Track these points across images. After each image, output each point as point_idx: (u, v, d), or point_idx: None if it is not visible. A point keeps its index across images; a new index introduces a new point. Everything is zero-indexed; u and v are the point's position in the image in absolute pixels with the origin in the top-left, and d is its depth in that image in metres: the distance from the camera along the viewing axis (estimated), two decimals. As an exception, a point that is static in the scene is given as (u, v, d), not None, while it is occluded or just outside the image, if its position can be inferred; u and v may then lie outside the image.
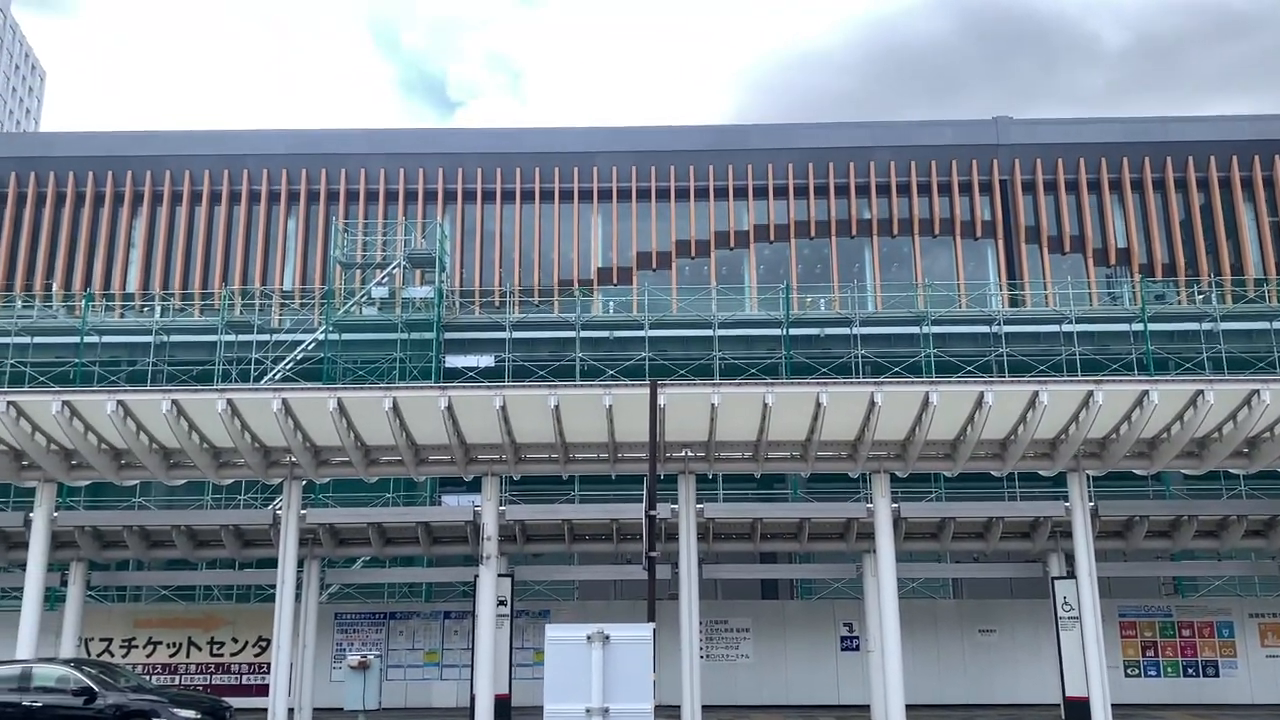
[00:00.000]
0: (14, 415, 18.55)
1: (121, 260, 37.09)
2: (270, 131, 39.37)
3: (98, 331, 29.58)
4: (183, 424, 18.84)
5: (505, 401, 18.57)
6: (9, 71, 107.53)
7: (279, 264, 36.91)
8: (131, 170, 37.26)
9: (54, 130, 59.50)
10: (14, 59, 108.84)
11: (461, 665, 22.99)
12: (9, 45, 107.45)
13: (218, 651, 23.88)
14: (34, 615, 19.75)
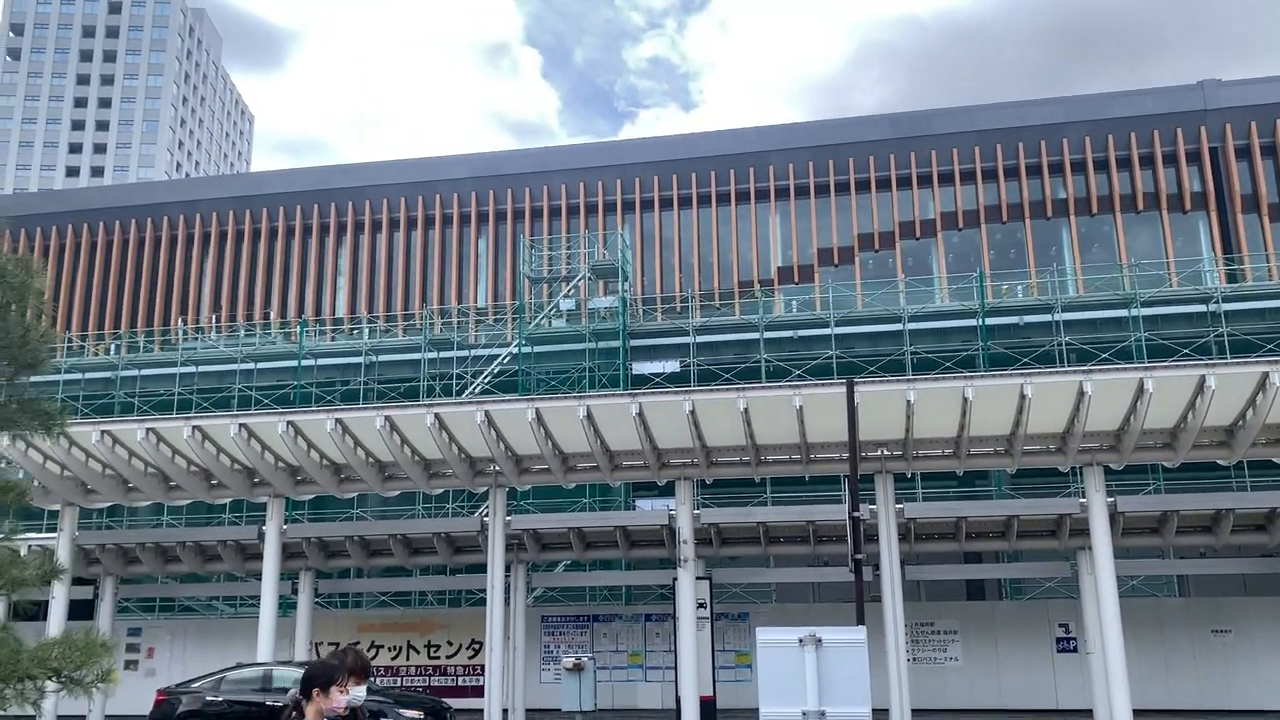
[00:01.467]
0: (245, 436, 20.09)
1: (330, 287, 39.63)
2: (457, 157, 41.20)
3: (313, 355, 31.67)
4: (395, 438, 19.91)
5: (694, 405, 18.70)
6: (223, 118, 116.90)
7: (472, 282, 38.54)
8: (335, 202, 39.78)
9: (263, 170, 64.41)
10: (225, 106, 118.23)
11: (665, 667, 23.28)
12: (221, 94, 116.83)
13: (435, 654, 25.10)
14: (270, 621, 21.31)
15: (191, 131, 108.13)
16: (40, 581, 9.90)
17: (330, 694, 4.99)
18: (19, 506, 10.76)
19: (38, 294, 10.08)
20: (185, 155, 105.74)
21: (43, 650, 8.76)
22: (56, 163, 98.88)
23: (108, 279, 41.08)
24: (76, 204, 44.73)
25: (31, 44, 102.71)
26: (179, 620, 27.17)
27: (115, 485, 21.93)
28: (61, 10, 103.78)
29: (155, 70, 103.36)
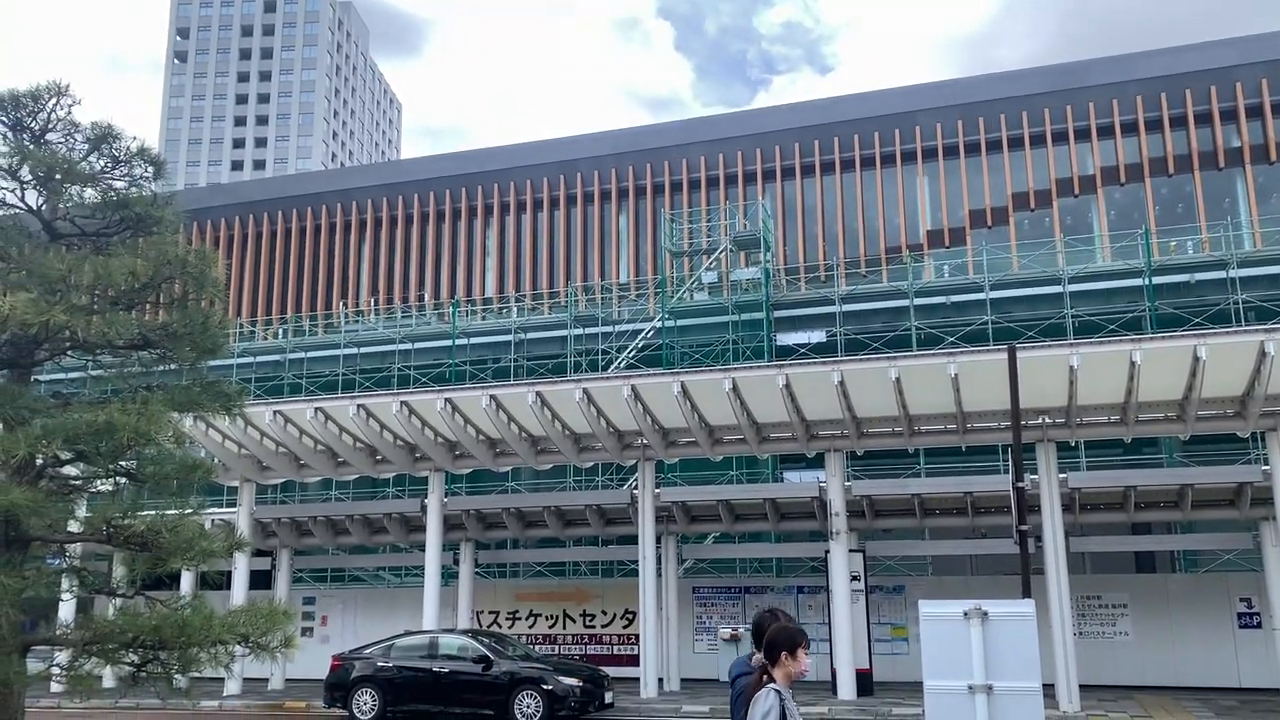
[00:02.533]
0: (406, 413, 20.91)
1: (479, 267, 40.68)
2: (596, 134, 41.52)
3: (466, 334, 32.63)
4: (546, 413, 20.36)
5: (843, 376, 18.41)
6: (372, 108, 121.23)
7: (614, 258, 38.88)
8: (480, 185, 40.73)
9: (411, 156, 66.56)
10: (375, 96, 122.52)
11: (819, 639, 23.06)
12: (370, 84, 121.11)
13: (590, 623, 25.64)
14: (435, 590, 22.21)
15: (344, 122, 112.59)
16: (225, 553, 10.54)
17: (797, 657, 5.06)
18: (203, 483, 11.48)
19: (215, 283, 10.70)
20: (339, 145, 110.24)
21: (232, 618, 9.36)
22: (222, 158, 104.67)
23: (273, 267, 43.29)
24: (241, 197, 47.25)
25: (196, 46, 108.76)
26: (349, 590, 28.60)
27: (288, 462, 23.19)
28: (222, 12, 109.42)
29: (308, 65, 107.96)
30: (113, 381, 11.23)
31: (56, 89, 10.48)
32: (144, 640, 9.11)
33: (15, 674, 8.84)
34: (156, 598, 10.02)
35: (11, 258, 10.12)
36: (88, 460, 9.67)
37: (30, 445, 8.94)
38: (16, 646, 9.15)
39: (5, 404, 9.47)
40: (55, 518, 10.07)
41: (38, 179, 10.37)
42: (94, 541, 10.14)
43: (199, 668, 9.52)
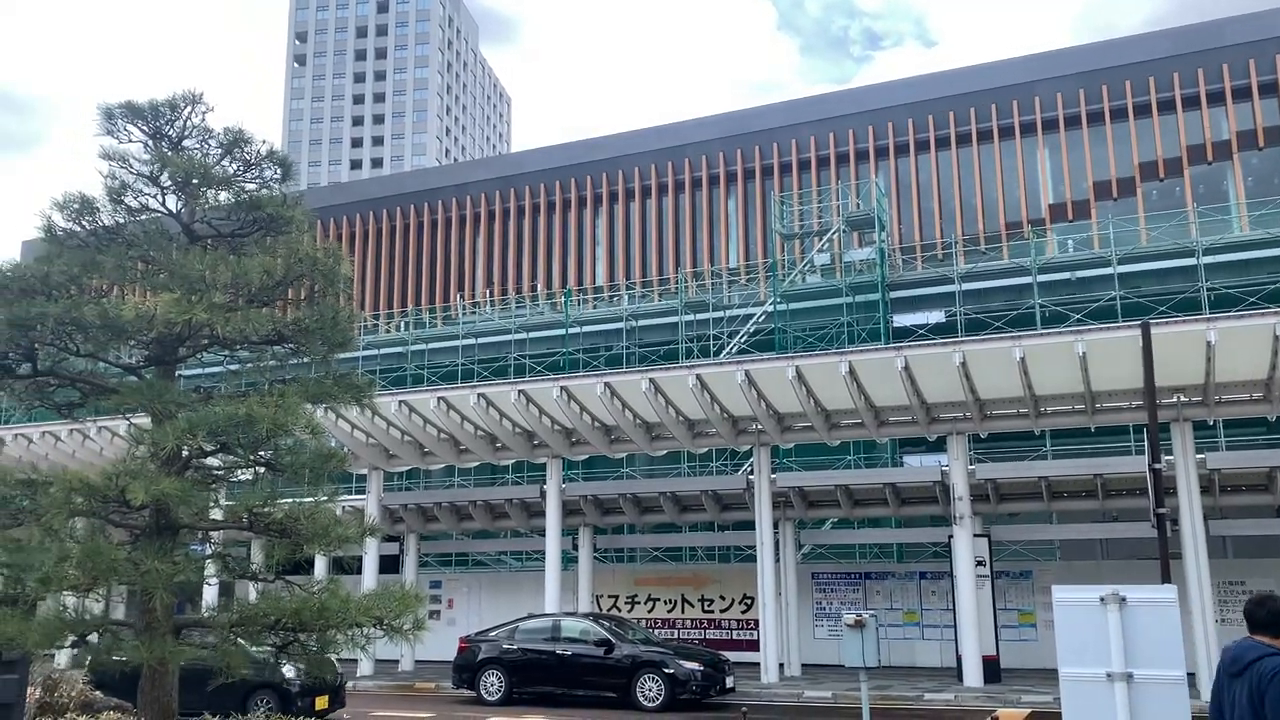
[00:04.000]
0: (524, 401, 21.30)
1: (590, 256, 41.07)
2: (703, 119, 41.38)
3: (578, 322, 33.00)
4: (659, 399, 20.45)
5: (965, 357, 17.97)
6: (483, 103, 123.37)
7: (724, 243, 38.74)
8: (589, 175, 41.06)
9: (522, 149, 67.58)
10: (485, 90, 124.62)
11: (943, 625, 22.69)
12: (480, 79, 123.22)
13: (708, 608, 25.72)
14: (555, 574, 22.60)
15: (456, 118, 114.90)
16: (358, 539, 10.92)
17: None
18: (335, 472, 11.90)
19: (343, 279, 11.07)
20: (453, 141, 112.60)
21: (366, 600, 9.69)
22: (342, 158, 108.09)
23: (392, 261, 44.55)
24: (361, 195, 48.72)
25: (314, 49, 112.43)
26: (473, 573, 29.34)
27: (413, 450, 23.88)
28: (337, 15, 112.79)
29: (421, 63, 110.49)
30: (249, 375, 11.75)
31: (191, 98, 10.97)
32: (285, 622, 9.51)
33: (170, 654, 9.35)
34: (295, 582, 10.46)
35: (155, 260, 10.66)
36: (229, 451, 10.12)
37: (177, 438, 9.41)
38: (169, 628, 9.67)
39: (153, 399, 9.99)
40: (200, 506, 10.59)
41: (176, 184, 10.88)
42: (236, 528, 10.63)
43: (336, 649, 9.90)
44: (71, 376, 10.62)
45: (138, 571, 8.96)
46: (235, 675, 9.38)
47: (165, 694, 9.80)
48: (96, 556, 8.91)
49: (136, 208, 10.94)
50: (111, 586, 9.93)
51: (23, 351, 10.13)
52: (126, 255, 10.61)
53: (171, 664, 9.59)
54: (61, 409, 11.24)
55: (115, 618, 10.34)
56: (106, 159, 10.66)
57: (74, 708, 11.98)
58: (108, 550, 9.05)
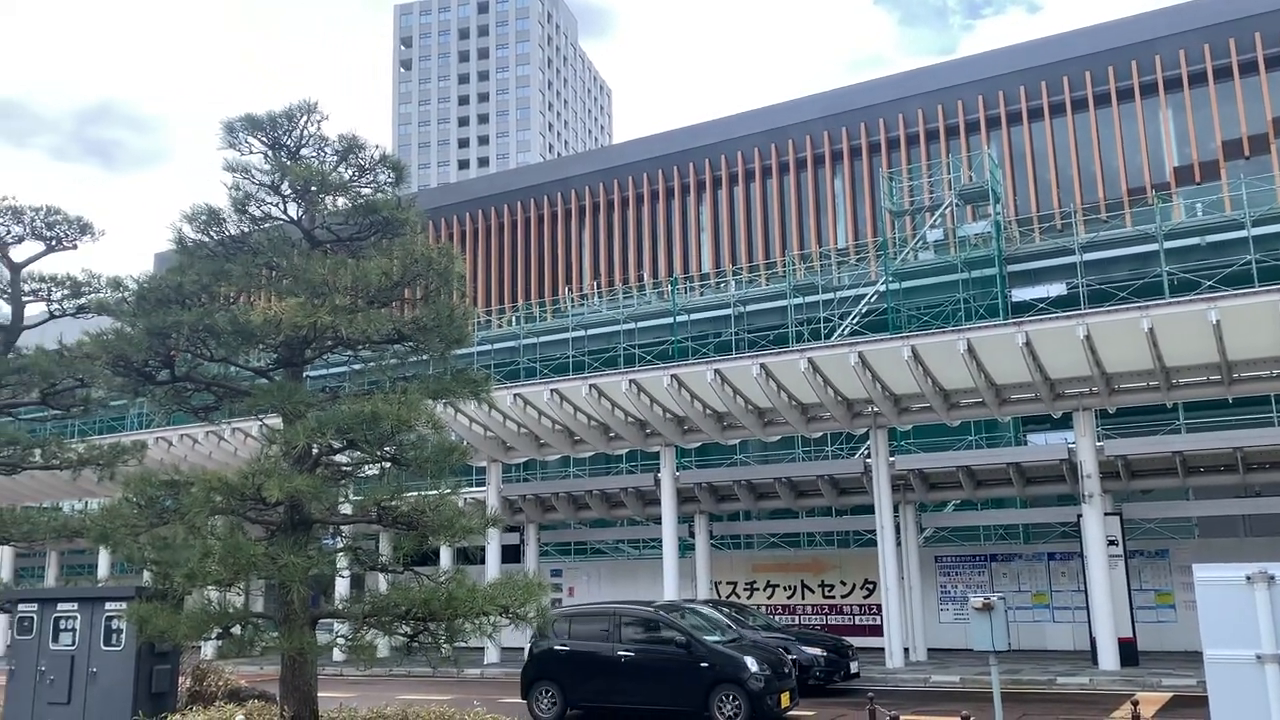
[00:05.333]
0: (635, 390, 21.42)
1: (695, 243, 41.01)
2: (805, 98, 40.81)
3: (686, 310, 33.00)
4: (770, 384, 20.31)
5: (1089, 329, 17.33)
6: (584, 96, 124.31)
7: (831, 223, 38.18)
8: (692, 161, 40.97)
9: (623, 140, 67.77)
10: (585, 84, 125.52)
11: (1074, 607, 21.98)
12: (580, 73, 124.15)
13: (829, 593, 25.48)
14: (673, 562, 22.71)
15: (559, 113, 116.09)
16: (481, 529, 11.18)
17: None
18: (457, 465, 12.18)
19: (458, 278, 11.32)
20: (555, 136, 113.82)
21: (492, 590, 9.91)
22: (449, 158, 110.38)
23: (502, 257, 45.32)
24: (468, 194, 49.68)
25: (419, 53, 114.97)
26: (592, 562, 29.71)
27: (529, 441, 24.30)
28: (440, 19, 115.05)
29: (522, 60, 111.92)
30: (372, 374, 12.12)
31: (306, 107, 11.35)
32: (415, 612, 9.80)
33: (308, 644, 9.74)
34: (422, 573, 10.76)
35: (280, 266, 11.08)
36: (356, 447, 10.47)
37: (307, 436, 9.78)
38: (307, 620, 10.07)
39: (283, 400, 10.40)
40: (330, 502, 10.98)
41: (296, 192, 11.28)
42: (365, 522, 10.99)
43: (464, 637, 10.15)
44: (207, 381, 11.14)
45: (275, 566, 9.35)
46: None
47: (305, 682, 10.21)
48: (237, 552, 9.33)
49: (260, 216, 11.38)
50: (250, 580, 10.37)
51: (161, 358, 10.66)
52: (253, 263, 11.05)
53: (310, 654, 9.97)
54: (198, 412, 11.81)
55: (254, 610, 10.80)
56: (230, 171, 11.12)
57: (221, 696, 12.61)
58: (247, 546, 9.46)
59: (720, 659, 14.04)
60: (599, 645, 14.90)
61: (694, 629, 14.85)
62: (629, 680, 14.38)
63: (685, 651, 14.15)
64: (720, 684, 13.74)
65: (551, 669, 15.10)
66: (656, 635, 14.74)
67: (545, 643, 15.29)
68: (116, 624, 11.20)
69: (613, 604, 16.63)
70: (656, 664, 14.30)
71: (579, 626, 15.44)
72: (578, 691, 14.86)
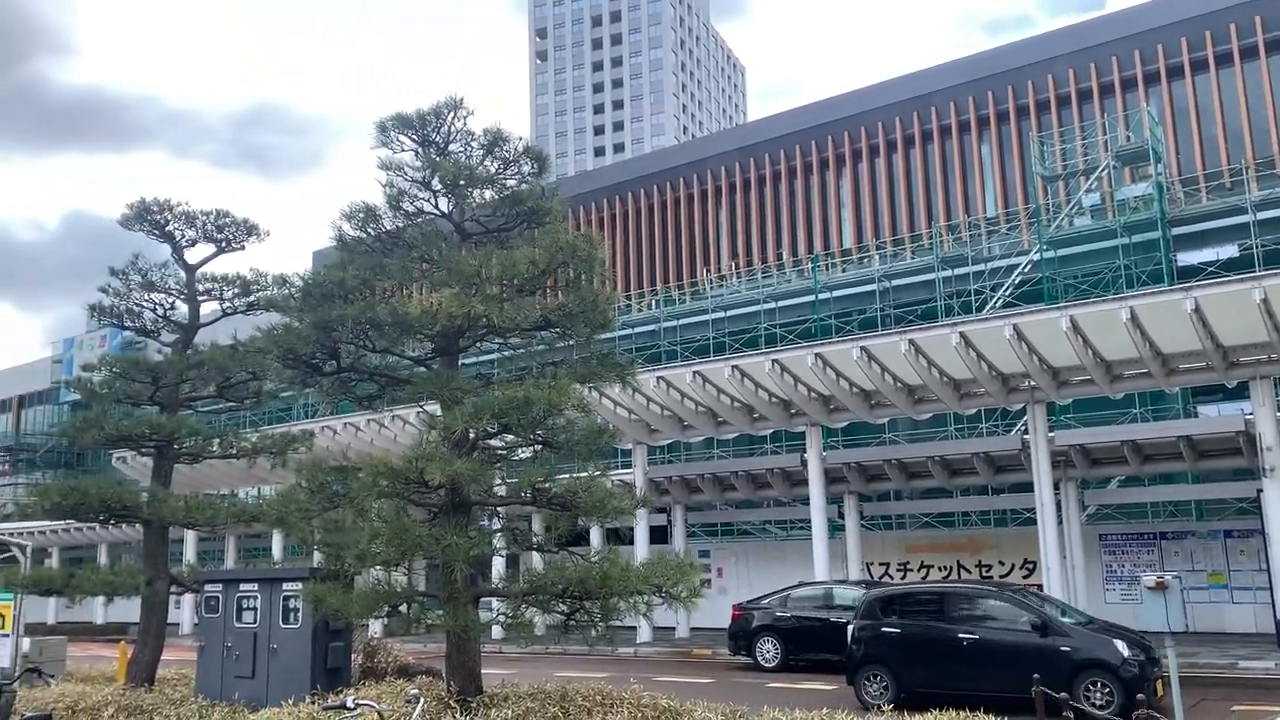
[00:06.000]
0: (778, 370, 21.28)
1: (835, 219, 40.33)
2: (947, 64, 39.50)
3: (828, 288, 32.51)
4: (920, 360, 19.82)
5: (1266, 293, 16.26)
6: (717, 75, 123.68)
7: (979, 192, 36.90)
8: (830, 135, 40.25)
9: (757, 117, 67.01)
10: (718, 63, 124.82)
11: (1255, 588, 20.72)
12: (713, 52, 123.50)
13: (986, 573, 24.74)
14: (822, 543, 22.50)
15: (692, 94, 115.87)
16: (632, 510, 11.34)
17: None
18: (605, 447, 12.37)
19: (601, 264, 11.48)
20: (689, 117, 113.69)
21: (646, 569, 10.04)
22: (585, 146, 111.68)
23: (640, 241, 45.64)
24: (605, 180, 50.18)
25: (554, 44, 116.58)
26: (740, 543, 29.71)
27: (673, 424, 24.46)
28: (573, 7, 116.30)
29: (655, 43, 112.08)
30: (520, 360, 12.43)
31: (453, 104, 11.68)
32: (572, 590, 10.03)
33: (471, 622, 10.10)
34: (576, 552, 11.00)
35: (433, 259, 11.48)
36: (511, 431, 10.77)
37: (465, 421, 10.12)
38: (469, 598, 10.43)
39: (441, 387, 10.78)
40: (487, 484, 11.33)
41: (446, 186, 11.64)
42: (520, 504, 11.30)
43: (619, 616, 10.32)
44: (370, 371, 11.66)
45: (439, 546, 9.71)
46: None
47: (470, 659, 10.59)
48: (403, 534, 9.75)
49: (413, 212, 11.81)
50: (414, 561, 10.81)
51: (327, 351, 11.21)
52: (408, 257, 11.50)
53: (473, 631, 10.33)
54: (362, 401, 12.38)
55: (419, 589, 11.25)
56: (384, 169, 11.58)
57: (391, 672, 13.22)
58: (412, 528, 9.88)
59: (1086, 641, 12.94)
60: (934, 626, 13.96)
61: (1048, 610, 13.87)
62: (972, 664, 13.25)
63: (1040, 633, 12.97)
64: (1086, 669, 12.57)
65: (880, 652, 14.22)
66: (1004, 616, 13.60)
67: (871, 624, 14.58)
68: (294, 603, 11.85)
69: (949, 584, 16.07)
70: (1006, 647, 13.14)
71: (907, 607, 14.69)
72: (912, 675, 13.78)
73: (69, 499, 13.62)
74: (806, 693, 14.74)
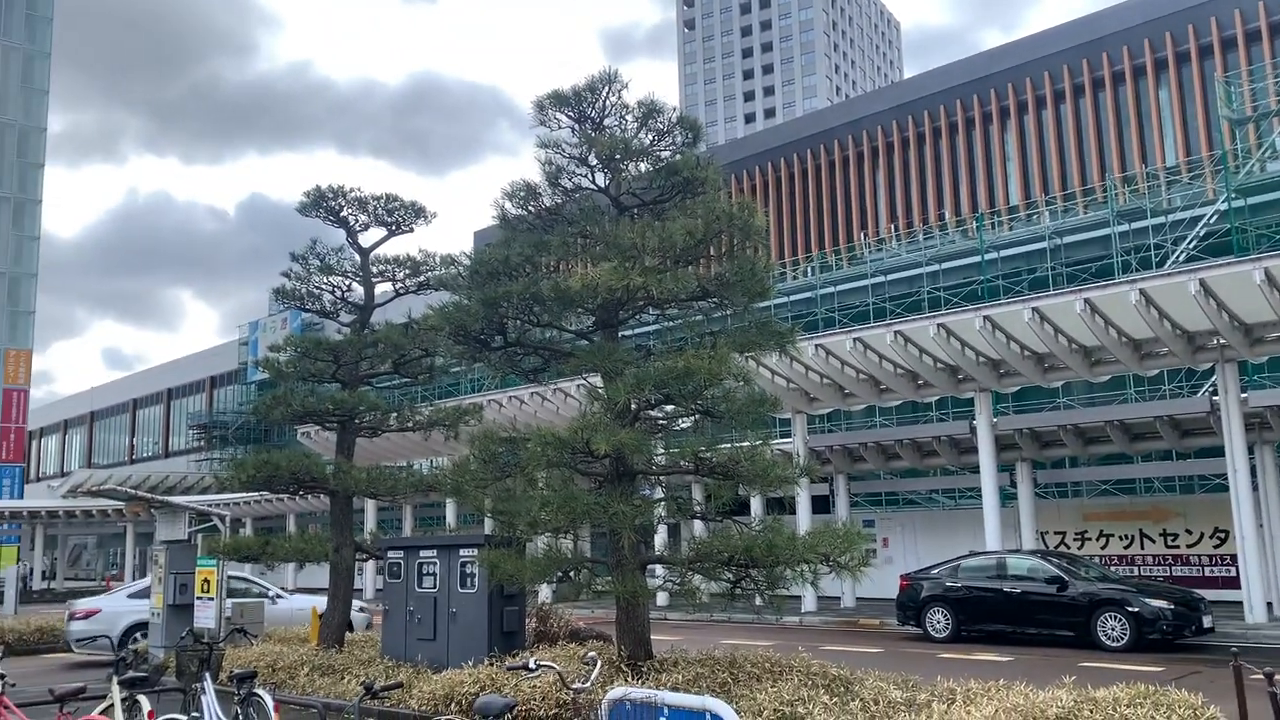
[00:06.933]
0: (944, 335, 20.65)
1: (1000, 175, 38.74)
2: (1120, 5, 37.16)
3: (994, 247, 31.25)
4: (1097, 320, 18.87)
5: None
6: (870, 32, 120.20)
7: (1156, 140, 34.70)
8: (993, 88, 38.60)
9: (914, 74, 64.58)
10: (871, 19, 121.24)
11: None
12: (865, 8, 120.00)
13: (1172, 543, 23.47)
14: (994, 511, 21.78)
15: (845, 53, 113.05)
16: (795, 478, 11.27)
17: None
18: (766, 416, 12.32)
19: (758, 231, 11.39)
20: (842, 78, 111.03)
21: (812, 538, 9.97)
22: (736, 113, 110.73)
23: (794, 207, 45.04)
24: (757, 147, 49.65)
25: (701, 11, 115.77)
26: (905, 512, 29.12)
27: (833, 392, 24.12)
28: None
29: (805, 3, 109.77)
30: (678, 331, 12.49)
31: (607, 78, 11.78)
32: (738, 559, 10.07)
33: (640, 588, 10.28)
34: (739, 521, 11.02)
35: (592, 234, 11.65)
36: (671, 402, 10.86)
37: (628, 392, 10.27)
38: (637, 565, 10.62)
39: (603, 359, 10.97)
40: (648, 454, 11.47)
41: (602, 161, 11.77)
42: (683, 473, 11.39)
43: (785, 585, 10.30)
44: (534, 345, 11.97)
45: (606, 514, 9.91)
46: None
47: (639, 624, 10.80)
48: (572, 501, 10.00)
49: (571, 188, 12.00)
50: (580, 528, 11.06)
51: (495, 326, 11.57)
52: (568, 232, 11.71)
53: (642, 598, 10.52)
54: (528, 374, 12.71)
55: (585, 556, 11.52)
56: (543, 147, 11.78)
57: (563, 636, 13.62)
58: (581, 496, 10.12)
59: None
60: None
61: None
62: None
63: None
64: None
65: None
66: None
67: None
68: (470, 568, 12.33)
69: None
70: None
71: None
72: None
73: (263, 472, 14.57)
74: (981, 664, 14.36)
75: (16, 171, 59.65)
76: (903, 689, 9.17)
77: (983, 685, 8.75)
